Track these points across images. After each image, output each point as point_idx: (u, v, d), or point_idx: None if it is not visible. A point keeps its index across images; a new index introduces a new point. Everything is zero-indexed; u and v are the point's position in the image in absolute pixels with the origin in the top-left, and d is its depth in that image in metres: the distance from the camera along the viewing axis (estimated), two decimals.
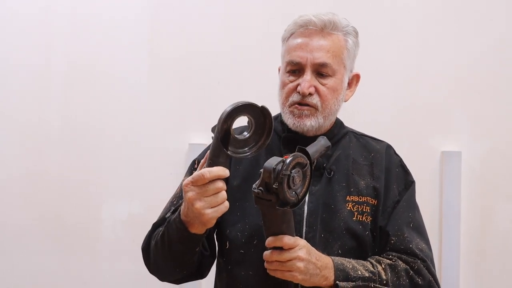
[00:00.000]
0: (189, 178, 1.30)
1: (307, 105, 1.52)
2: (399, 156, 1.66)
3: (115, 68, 2.46)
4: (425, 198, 2.33)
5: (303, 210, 1.52)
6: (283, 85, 1.56)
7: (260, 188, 1.29)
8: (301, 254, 1.38)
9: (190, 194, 1.30)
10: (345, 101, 1.62)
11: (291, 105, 1.54)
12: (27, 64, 2.45)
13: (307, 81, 1.51)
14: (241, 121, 1.36)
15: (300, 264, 1.38)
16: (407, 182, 1.62)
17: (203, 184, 1.29)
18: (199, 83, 2.45)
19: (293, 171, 1.29)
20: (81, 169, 2.44)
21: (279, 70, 1.61)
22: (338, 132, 1.63)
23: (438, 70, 2.45)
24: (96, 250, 2.44)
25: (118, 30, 2.46)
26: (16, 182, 2.43)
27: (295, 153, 1.32)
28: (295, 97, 1.53)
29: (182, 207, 1.37)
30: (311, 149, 1.40)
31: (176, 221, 1.39)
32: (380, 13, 2.47)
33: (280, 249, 1.38)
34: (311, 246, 1.42)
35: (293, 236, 1.39)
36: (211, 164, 1.30)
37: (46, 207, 2.43)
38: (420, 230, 1.58)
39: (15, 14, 2.45)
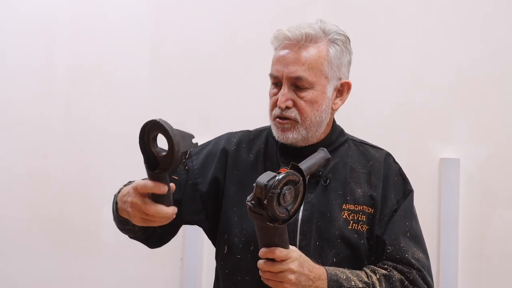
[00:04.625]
0: (140, 186, 1.35)
1: (287, 118, 1.54)
2: (398, 164, 1.65)
3: (117, 72, 2.45)
4: (423, 204, 2.33)
5: (297, 218, 1.52)
6: (270, 97, 1.59)
7: (253, 202, 1.31)
8: (293, 266, 1.39)
9: (133, 199, 1.36)
10: (335, 110, 1.60)
11: (274, 119, 1.56)
12: (29, 64, 2.44)
13: (283, 95, 1.52)
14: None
15: (292, 276, 1.39)
16: (405, 191, 1.61)
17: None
18: (200, 88, 2.45)
19: (284, 188, 1.30)
20: (82, 171, 2.44)
21: None
22: (336, 139, 1.63)
23: (437, 76, 2.45)
24: (97, 252, 2.43)
25: (120, 34, 2.46)
26: (18, 183, 2.42)
27: (288, 170, 1.33)
28: (276, 111, 1.55)
29: (124, 191, 1.42)
30: (309, 162, 1.41)
31: (114, 200, 1.49)
32: (379, 19, 2.47)
33: (273, 260, 1.39)
34: (305, 257, 1.43)
35: (286, 248, 1.39)
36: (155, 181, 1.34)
37: (47, 208, 2.42)
38: (417, 239, 1.58)
39: (16, 15, 2.45)
